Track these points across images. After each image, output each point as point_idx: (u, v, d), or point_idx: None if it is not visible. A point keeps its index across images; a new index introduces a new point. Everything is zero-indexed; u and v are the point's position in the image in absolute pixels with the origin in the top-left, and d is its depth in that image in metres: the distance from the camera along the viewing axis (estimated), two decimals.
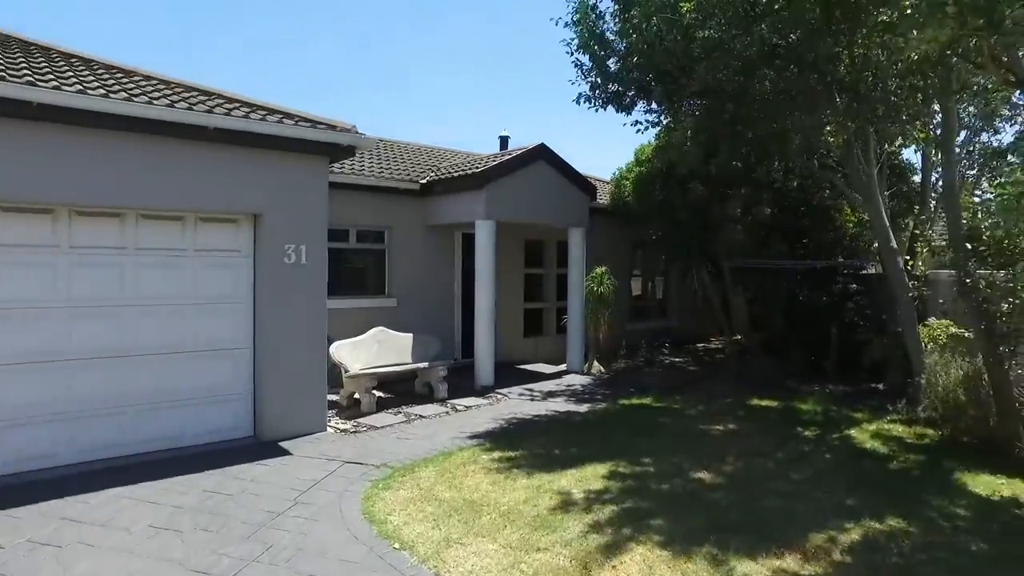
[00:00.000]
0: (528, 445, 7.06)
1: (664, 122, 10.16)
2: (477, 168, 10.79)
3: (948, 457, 6.84)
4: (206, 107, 6.49)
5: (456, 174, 10.99)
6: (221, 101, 6.90)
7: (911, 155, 12.74)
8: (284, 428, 7.12)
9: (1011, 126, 12.08)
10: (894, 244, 8.53)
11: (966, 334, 7.82)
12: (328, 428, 7.56)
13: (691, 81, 8.18)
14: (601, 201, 14.20)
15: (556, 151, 11.11)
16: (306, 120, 7.08)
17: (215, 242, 6.90)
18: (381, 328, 9.54)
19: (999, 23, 4.60)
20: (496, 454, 6.68)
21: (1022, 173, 5.96)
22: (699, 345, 15.72)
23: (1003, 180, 6.68)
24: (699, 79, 8.04)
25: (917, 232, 11.04)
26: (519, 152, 11.20)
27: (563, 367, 12.13)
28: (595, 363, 12.17)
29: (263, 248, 7.03)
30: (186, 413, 6.69)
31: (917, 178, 12.44)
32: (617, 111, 9.61)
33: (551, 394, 10.05)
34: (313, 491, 5.50)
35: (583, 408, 9.09)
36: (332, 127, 7.15)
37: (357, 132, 7.26)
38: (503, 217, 10.76)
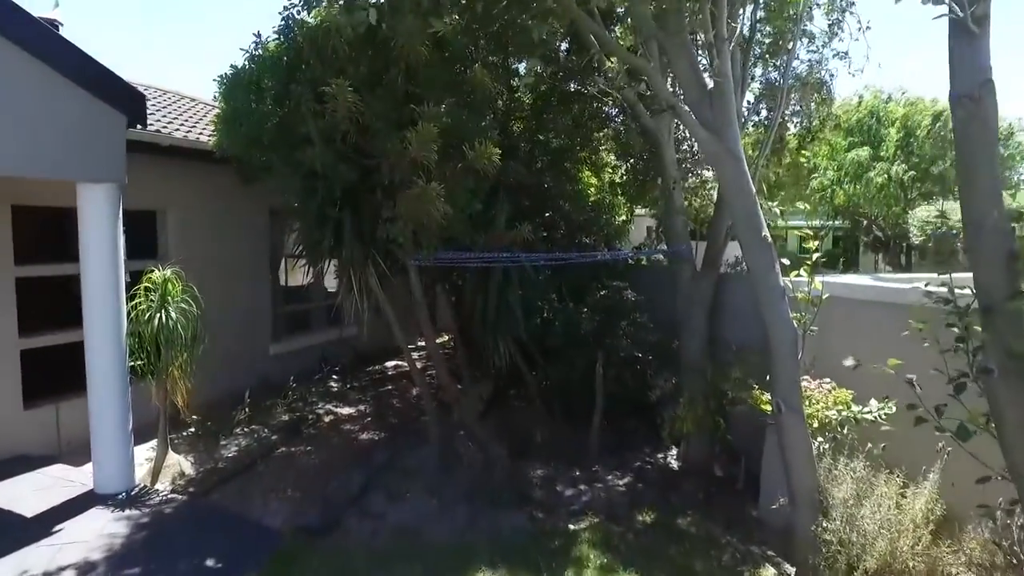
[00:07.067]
0: None
1: None
2: None
3: None
4: None
5: None
6: None
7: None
8: None
9: None
10: (766, 233, 3.76)
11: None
12: None
13: None
14: (192, 134, 7.61)
15: None
16: None
17: None
18: None
19: None
20: None
21: None
22: (389, 365, 10.19)
23: None
24: None
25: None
26: None
27: (91, 481, 5.55)
28: (171, 455, 5.93)
29: None
30: None
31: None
32: None
33: None
34: None
35: None
36: None
37: None
38: None
